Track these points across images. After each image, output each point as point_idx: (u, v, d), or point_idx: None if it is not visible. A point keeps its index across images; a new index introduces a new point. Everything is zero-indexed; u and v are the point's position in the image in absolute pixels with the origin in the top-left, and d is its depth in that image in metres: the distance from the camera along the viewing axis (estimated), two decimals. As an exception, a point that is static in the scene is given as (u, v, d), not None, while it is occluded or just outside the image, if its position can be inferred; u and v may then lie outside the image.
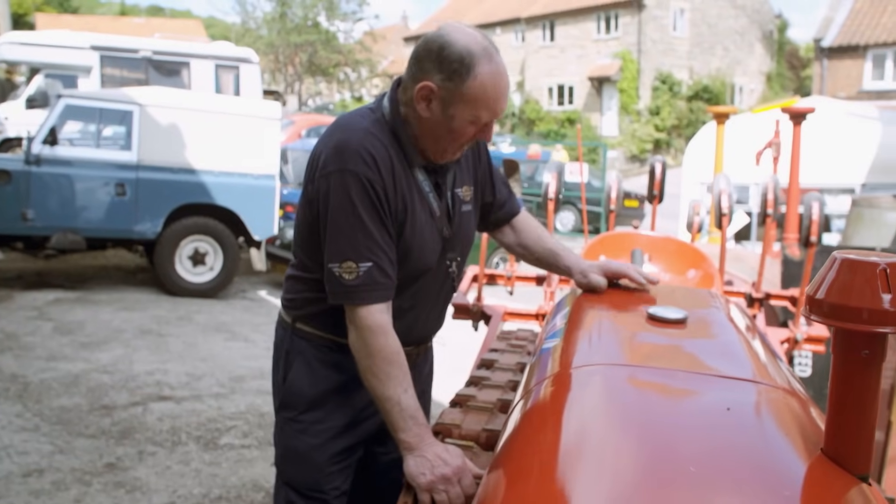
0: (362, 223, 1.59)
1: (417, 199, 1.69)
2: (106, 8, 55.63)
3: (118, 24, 33.95)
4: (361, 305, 1.60)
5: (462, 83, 1.56)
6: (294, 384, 1.81)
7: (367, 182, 1.59)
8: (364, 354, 1.61)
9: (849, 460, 0.94)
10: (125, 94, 8.05)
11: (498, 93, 1.59)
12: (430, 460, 1.51)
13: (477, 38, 1.59)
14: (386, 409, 1.59)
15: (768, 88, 34.44)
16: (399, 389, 1.58)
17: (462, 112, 1.59)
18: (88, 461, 3.90)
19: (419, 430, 1.56)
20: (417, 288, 1.76)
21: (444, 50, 1.57)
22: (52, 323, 6.58)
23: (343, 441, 1.80)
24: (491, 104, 1.59)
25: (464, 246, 1.84)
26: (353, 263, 1.59)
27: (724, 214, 3.29)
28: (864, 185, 8.89)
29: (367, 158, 1.59)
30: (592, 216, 14.26)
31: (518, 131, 33.47)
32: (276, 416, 1.88)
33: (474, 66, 1.55)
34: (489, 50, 1.57)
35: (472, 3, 41.56)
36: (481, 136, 1.66)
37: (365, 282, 1.59)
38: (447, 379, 2.43)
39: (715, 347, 1.42)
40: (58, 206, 7.53)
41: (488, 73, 1.56)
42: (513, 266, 3.93)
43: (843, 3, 21.94)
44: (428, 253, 1.72)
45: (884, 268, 0.87)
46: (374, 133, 1.64)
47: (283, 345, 1.86)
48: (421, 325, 1.84)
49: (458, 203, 1.79)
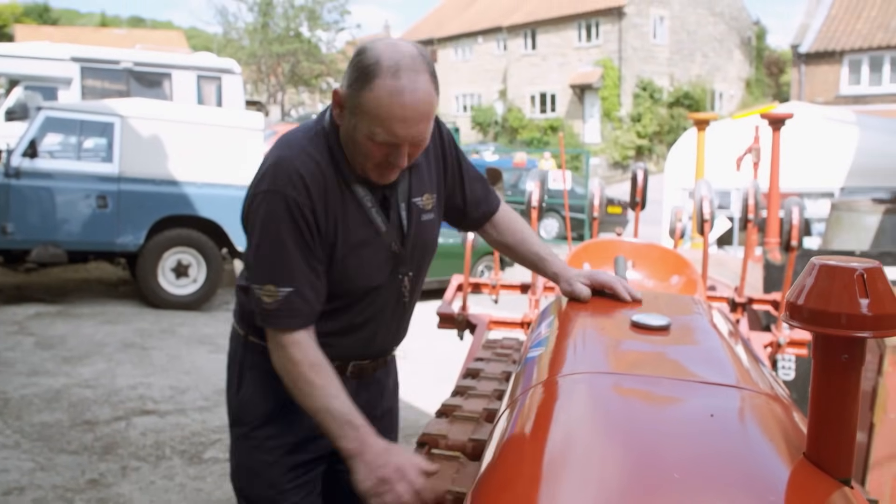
0: (285, 247, 1.55)
1: (357, 217, 1.63)
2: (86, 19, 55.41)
3: (99, 35, 33.82)
4: (278, 329, 1.58)
5: (360, 92, 1.49)
6: (247, 399, 1.78)
7: (293, 204, 1.54)
8: (285, 371, 1.58)
9: (831, 464, 0.95)
10: (106, 106, 8.01)
11: (393, 111, 1.47)
12: (370, 463, 1.48)
13: (397, 52, 1.48)
14: (319, 420, 1.55)
15: (748, 94, 34.80)
16: (327, 398, 1.54)
17: (361, 124, 1.52)
18: (70, 478, 3.86)
19: (356, 433, 1.52)
20: (368, 304, 1.72)
21: (357, 56, 1.52)
22: (33, 337, 6.52)
23: (298, 457, 1.76)
24: (385, 123, 1.48)
25: (421, 257, 1.79)
26: (274, 287, 1.56)
27: (706, 220, 3.31)
28: (843, 189, 8.99)
29: (295, 180, 1.55)
30: (576, 223, 14.32)
31: (501, 139, 33.62)
32: (230, 431, 1.85)
33: (375, 77, 1.46)
34: (400, 66, 1.46)
35: (455, 13, 41.73)
36: (392, 160, 1.55)
37: (284, 307, 1.56)
38: (433, 388, 2.44)
39: (698, 354, 1.43)
40: (38, 219, 7.47)
41: (386, 89, 1.45)
42: (497, 274, 3.93)
43: (819, 10, 22.22)
44: (371, 271, 1.68)
45: (861, 273, 0.88)
46: (309, 150, 1.59)
47: (236, 358, 1.82)
48: (379, 340, 1.80)
49: (415, 213, 1.73)
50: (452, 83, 38.92)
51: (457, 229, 2.08)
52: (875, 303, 0.88)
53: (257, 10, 33.44)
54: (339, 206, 1.61)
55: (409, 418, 5.02)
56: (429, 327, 3.95)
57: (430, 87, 1.51)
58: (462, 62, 38.81)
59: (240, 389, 1.80)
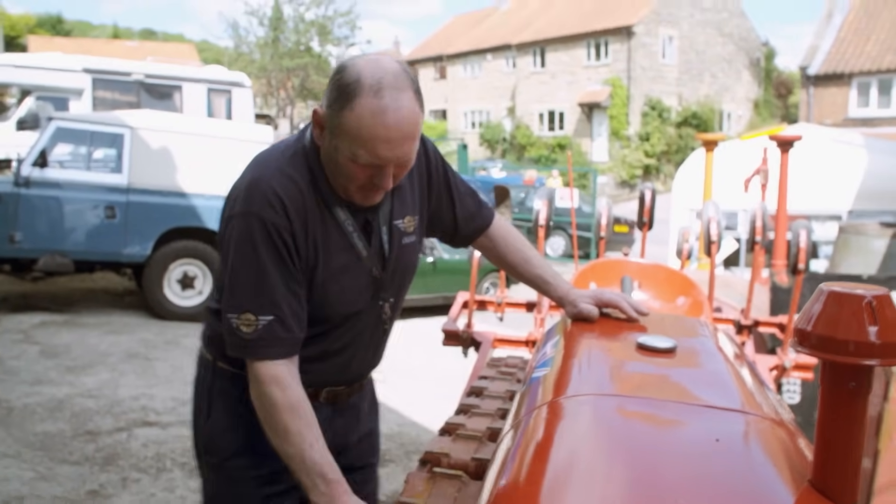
0: (265, 273, 1.46)
1: (338, 242, 1.56)
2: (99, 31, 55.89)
3: (111, 47, 34.11)
4: (258, 360, 1.48)
5: (340, 113, 1.41)
6: (217, 428, 1.68)
7: (271, 227, 1.46)
8: (262, 409, 1.48)
9: (836, 492, 0.94)
10: (116, 118, 8.07)
11: (376, 132, 1.39)
12: None
13: (379, 70, 1.41)
14: (292, 466, 1.46)
15: (756, 115, 34.85)
16: (302, 445, 1.44)
17: (343, 145, 1.44)
18: (71, 488, 3.85)
19: (328, 489, 1.42)
20: (346, 330, 1.64)
21: (337, 75, 1.44)
22: (37, 346, 6.53)
23: (273, 487, 1.66)
24: (368, 144, 1.40)
25: (401, 282, 1.72)
26: (253, 316, 1.46)
27: (713, 241, 3.30)
28: (851, 212, 8.97)
29: (273, 201, 1.46)
30: (583, 241, 14.31)
31: (509, 156, 33.70)
32: (200, 460, 1.76)
33: (356, 97, 1.39)
34: (382, 84, 1.39)
35: (464, 30, 41.98)
36: (377, 182, 1.47)
37: (264, 336, 1.46)
38: (435, 405, 2.43)
39: (704, 377, 1.42)
40: (46, 228, 7.51)
41: (368, 109, 1.38)
42: (503, 292, 3.93)
43: (829, 32, 22.27)
44: (352, 296, 1.60)
45: (870, 300, 0.88)
46: (288, 171, 1.51)
47: (204, 384, 1.73)
48: (356, 366, 1.73)
49: (396, 237, 1.65)
50: (461, 100, 39.07)
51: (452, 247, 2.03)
52: (883, 330, 0.87)
53: (268, 24, 33.70)
54: (319, 229, 1.53)
55: (410, 435, 5.01)
56: (431, 343, 3.94)
57: (415, 106, 1.43)
58: (471, 79, 38.98)
59: (209, 418, 1.70)
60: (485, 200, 1.92)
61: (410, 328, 8.55)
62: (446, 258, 9.36)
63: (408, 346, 7.54)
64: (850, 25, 22.19)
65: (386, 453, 4.66)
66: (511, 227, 1.96)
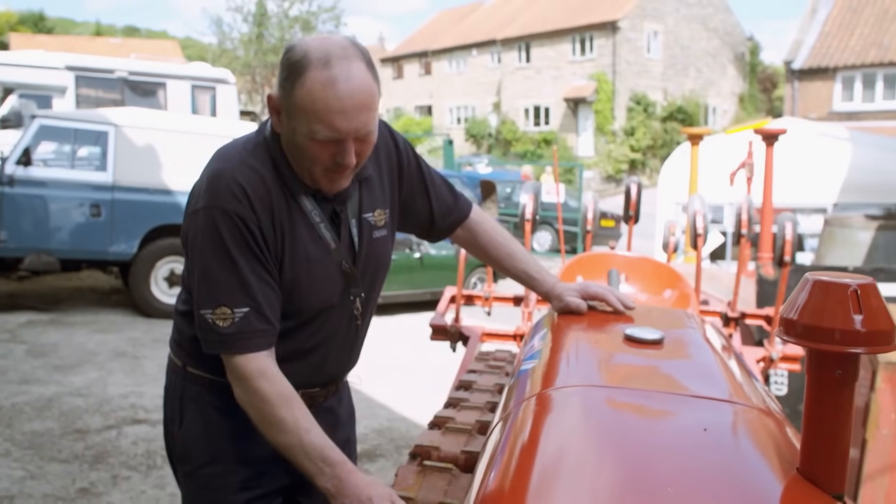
0: (235, 265, 1.44)
1: (304, 233, 1.52)
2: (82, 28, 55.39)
3: (94, 44, 33.80)
4: (239, 354, 1.44)
5: (292, 90, 1.39)
6: (190, 436, 1.64)
7: (238, 220, 1.43)
8: (252, 407, 1.45)
9: (824, 479, 0.95)
10: (100, 115, 8.02)
11: (329, 104, 1.36)
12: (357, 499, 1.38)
13: (326, 44, 1.39)
14: (292, 457, 1.44)
15: (741, 109, 35.00)
16: (299, 432, 1.42)
17: (299, 125, 1.41)
18: (61, 486, 3.83)
19: (333, 470, 1.41)
20: (319, 326, 1.60)
21: (286, 54, 1.42)
22: (24, 346, 6.49)
23: (249, 493, 1.63)
24: (323, 117, 1.38)
25: (373, 277, 1.67)
26: (228, 309, 1.43)
27: (699, 235, 3.32)
28: (836, 205, 9.04)
29: (237, 193, 1.44)
30: (570, 236, 14.34)
31: (495, 152, 33.69)
32: (175, 468, 1.72)
33: (304, 71, 1.37)
34: (330, 55, 1.37)
35: (449, 25, 41.91)
36: (339, 160, 1.44)
37: (241, 329, 1.43)
38: (425, 400, 2.43)
39: (691, 368, 1.44)
40: (31, 227, 7.46)
41: (319, 81, 1.36)
42: (490, 287, 3.93)
43: (813, 27, 22.39)
44: (322, 290, 1.56)
45: (855, 289, 0.88)
46: (250, 163, 1.49)
47: (175, 391, 1.68)
48: (330, 366, 1.68)
49: (366, 230, 1.62)
50: (446, 95, 39.03)
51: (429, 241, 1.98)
52: (869, 319, 0.88)
53: (252, 20, 33.51)
54: (286, 219, 1.50)
55: (400, 430, 5.01)
56: (422, 339, 3.94)
57: (367, 75, 1.40)
58: (456, 74, 38.94)
59: (181, 425, 1.66)
60: (461, 193, 1.89)
61: (398, 324, 8.56)
62: (433, 253, 9.36)
63: (396, 341, 7.54)
64: (834, 20, 22.32)
65: (376, 448, 4.67)
66: (492, 220, 1.92)
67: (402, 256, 9.09)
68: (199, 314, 1.47)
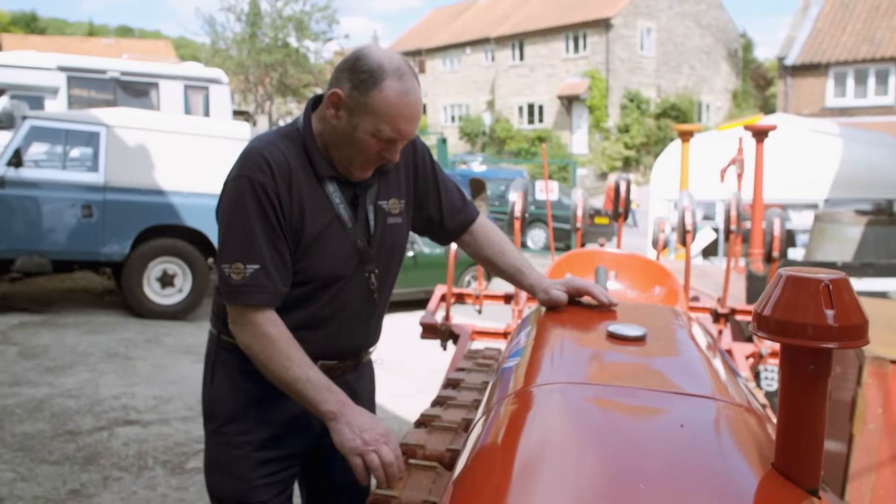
0: (251, 226, 1.61)
1: (324, 210, 1.70)
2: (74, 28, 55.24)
3: (87, 45, 33.71)
4: (246, 306, 1.62)
5: (368, 93, 1.59)
6: (217, 396, 1.81)
7: (259, 186, 1.61)
8: (259, 347, 1.62)
9: (798, 474, 0.95)
10: (92, 116, 7.99)
11: (401, 110, 1.60)
12: (356, 426, 1.56)
13: (394, 58, 1.62)
14: (297, 389, 1.59)
15: (734, 106, 35.07)
16: (305, 367, 1.59)
17: (365, 122, 1.61)
18: (52, 488, 3.82)
19: (337, 397, 1.59)
20: (333, 296, 1.74)
21: (359, 61, 1.61)
22: (16, 347, 6.47)
23: (269, 453, 1.78)
24: (393, 119, 1.61)
25: (388, 258, 1.83)
26: (242, 265, 1.61)
27: (688, 231, 3.33)
28: (828, 201, 9.07)
29: (262, 164, 1.62)
30: (563, 233, 14.34)
31: (489, 150, 33.70)
32: (204, 429, 1.87)
33: (383, 79, 1.58)
34: (402, 70, 1.60)
35: (442, 23, 41.89)
36: (386, 155, 1.67)
37: (250, 282, 1.60)
38: (419, 399, 2.43)
39: (673, 364, 1.44)
40: (23, 228, 7.43)
41: (395, 90, 1.59)
42: (481, 285, 3.94)
43: (805, 23, 22.44)
44: (336, 261, 1.72)
45: (826, 284, 0.89)
46: (279, 144, 1.67)
47: (210, 356, 1.86)
48: (346, 338, 1.82)
49: (381, 216, 1.79)
50: (440, 94, 39.02)
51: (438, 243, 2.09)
52: (840, 314, 0.89)
53: (245, 20, 33.41)
54: (306, 195, 1.67)
55: (393, 429, 5.01)
56: (413, 337, 3.95)
57: (420, 91, 1.65)
58: (450, 73, 38.94)
59: (211, 386, 1.83)
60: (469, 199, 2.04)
61: (392, 322, 8.55)
62: (427, 252, 9.36)
63: (390, 340, 7.54)
64: (826, 16, 22.36)
65: (368, 448, 4.67)
66: (493, 225, 2.07)
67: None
68: (220, 267, 1.65)
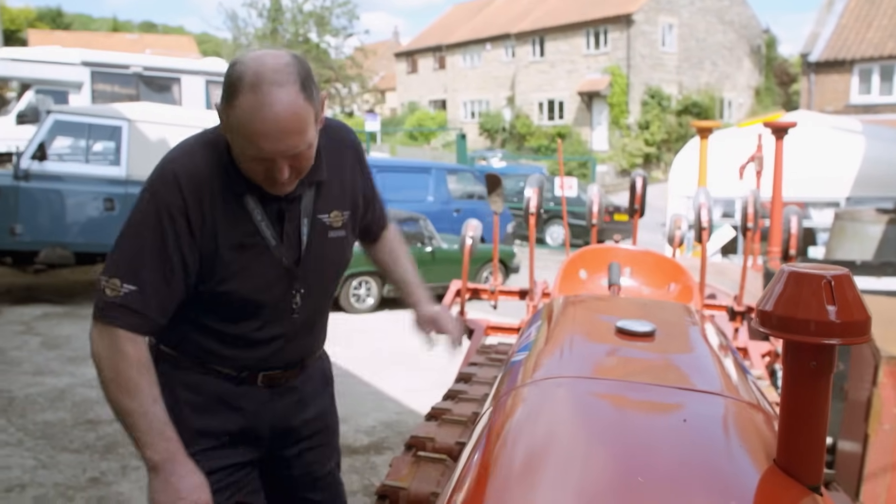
0: (142, 246, 1.50)
1: (243, 228, 1.57)
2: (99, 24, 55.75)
3: (111, 40, 34.01)
4: (113, 326, 1.49)
5: (226, 110, 1.46)
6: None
7: (163, 207, 1.50)
8: (110, 364, 1.49)
9: (800, 471, 0.95)
10: (114, 110, 8.07)
11: (254, 129, 1.42)
12: (175, 488, 1.45)
13: (264, 66, 1.43)
14: (130, 422, 1.47)
15: (757, 103, 34.73)
16: (148, 401, 1.48)
17: (233, 140, 1.49)
18: (72, 476, 3.89)
19: (167, 445, 1.47)
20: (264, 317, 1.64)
21: (228, 70, 1.48)
22: (39, 337, 6.57)
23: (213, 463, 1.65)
24: (252, 138, 1.43)
25: (320, 275, 1.70)
26: (119, 282, 1.49)
27: (704, 228, 3.32)
28: (849, 199, 8.97)
29: (170, 181, 1.51)
30: (582, 230, 14.28)
31: (509, 146, 33.63)
32: None
33: (237, 94, 1.42)
34: (263, 79, 1.41)
35: (463, 19, 41.83)
36: (273, 176, 1.50)
37: (122, 302, 1.49)
38: (435, 394, 2.44)
39: (680, 360, 1.44)
40: (47, 220, 7.53)
41: (248, 105, 1.41)
42: (497, 280, 3.95)
43: (830, 19, 22.18)
44: (259, 282, 1.60)
45: (828, 280, 0.89)
46: (196, 157, 1.55)
47: None
48: (290, 352, 1.71)
49: (318, 230, 1.67)
50: (460, 90, 38.98)
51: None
52: (843, 310, 0.88)
53: (267, 15, 33.60)
54: (221, 214, 1.55)
55: (408, 423, 5.03)
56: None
57: (297, 99, 1.43)
58: (470, 69, 38.87)
59: None
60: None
61: (409, 317, 8.59)
62: (445, 248, 9.37)
63: (406, 335, 7.58)
64: (851, 12, 22.09)
65: (384, 441, 4.70)
66: (400, 236, 2.08)
67: (413, 250, 9.09)
68: (99, 277, 1.54)
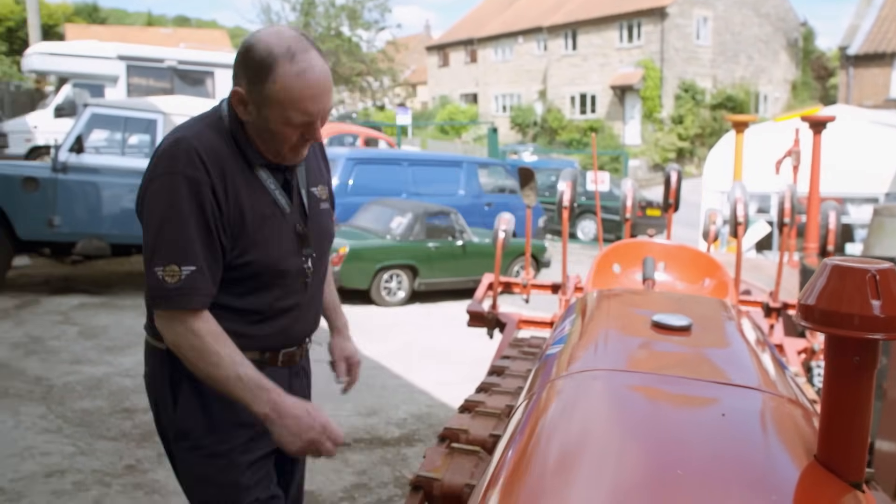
0: (186, 226, 1.55)
1: (262, 198, 1.66)
2: (134, 18, 56.46)
3: (146, 34, 34.43)
4: (182, 310, 1.55)
5: (264, 86, 1.54)
6: (186, 413, 1.70)
7: (194, 184, 1.55)
8: (189, 346, 1.56)
9: (841, 467, 0.94)
10: (149, 103, 8.17)
11: (303, 93, 1.54)
12: (295, 428, 1.57)
13: (284, 37, 1.54)
14: (229, 389, 1.56)
15: (793, 97, 34.17)
16: (235, 365, 1.56)
17: (273, 114, 1.56)
18: (109, 463, 3.96)
19: (269, 395, 1.57)
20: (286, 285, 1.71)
21: (248, 53, 1.55)
22: (77, 327, 6.69)
23: (251, 455, 1.72)
24: (299, 106, 1.55)
25: (320, 243, 1.80)
26: (177, 267, 1.55)
27: (740, 223, 3.28)
28: (888, 195, 8.79)
29: (195, 161, 1.56)
30: (614, 225, 14.19)
31: (540, 140, 33.47)
32: (173, 448, 1.77)
33: (274, 68, 1.52)
34: (293, 49, 1.53)
35: (494, 12, 41.67)
36: (308, 135, 1.62)
37: (186, 285, 1.55)
38: (466, 387, 2.44)
39: (717, 355, 1.43)
40: (84, 212, 7.65)
41: (290, 75, 1.52)
42: (528, 274, 3.94)
43: (870, 11, 21.73)
44: (280, 248, 1.68)
45: (873, 274, 0.87)
46: (207, 134, 1.61)
47: (161, 376, 1.74)
48: (300, 325, 1.79)
49: (314, 201, 1.78)
50: (492, 83, 38.87)
51: None
52: (887, 304, 0.87)
53: (300, 9, 33.77)
54: (242, 186, 1.62)
55: (439, 416, 5.05)
56: (461, 326, 3.96)
57: (324, 61, 1.58)
58: (502, 62, 38.74)
59: (176, 405, 1.71)
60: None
61: (440, 311, 8.60)
62: (476, 241, 9.35)
63: (438, 328, 7.58)
64: (892, 4, 21.61)
65: (415, 433, 4.72)
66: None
67: (444, 244, 9.10)
68: (151, 271, 1.57)
